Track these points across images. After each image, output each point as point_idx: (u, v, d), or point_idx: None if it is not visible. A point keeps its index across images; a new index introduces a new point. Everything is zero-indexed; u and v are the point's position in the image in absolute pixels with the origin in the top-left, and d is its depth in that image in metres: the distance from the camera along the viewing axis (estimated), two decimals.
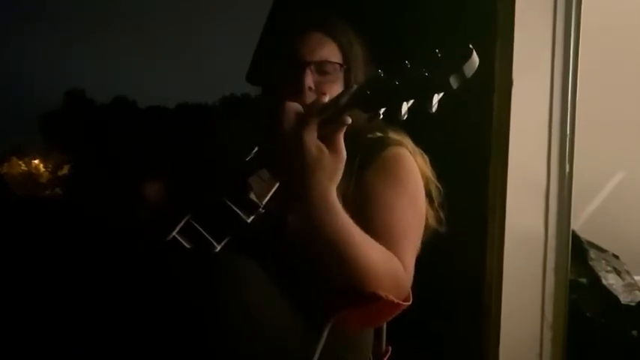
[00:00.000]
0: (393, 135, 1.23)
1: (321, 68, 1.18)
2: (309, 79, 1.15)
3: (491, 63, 1.98)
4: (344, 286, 0.98)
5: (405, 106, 0.89)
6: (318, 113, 0.94)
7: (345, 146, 0.97)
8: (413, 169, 1.19)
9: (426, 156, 1.24)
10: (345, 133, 0.97)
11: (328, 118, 0.94)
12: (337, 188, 0.98)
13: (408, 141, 1.24)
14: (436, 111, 0.91)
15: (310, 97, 1.12)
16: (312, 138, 0.93)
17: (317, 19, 1.23)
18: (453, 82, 0.87)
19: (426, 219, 1.19)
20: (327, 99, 0.97)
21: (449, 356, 2.16)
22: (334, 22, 1.23)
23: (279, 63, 1.19)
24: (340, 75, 1.19)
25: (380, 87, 0.92)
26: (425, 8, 2.52)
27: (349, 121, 0.93)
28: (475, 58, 0.88)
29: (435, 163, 1.25)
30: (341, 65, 1.19)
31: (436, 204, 1.22)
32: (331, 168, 0.95)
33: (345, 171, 1.00)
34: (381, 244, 1.02)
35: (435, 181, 1.24)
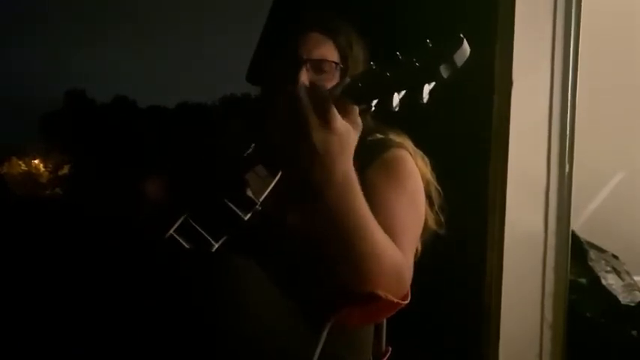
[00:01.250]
0: (394, 137, 1.23)
1: (318, 67, 1.18)
2: (305, 77, 1.16)
3: (491, 63, 1.99)
4: (350, 278, 0.98)
5: (396, 97, 0.89)
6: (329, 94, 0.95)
7: None
8: (413, 170, 1.19)
9: (426, 158, 1.25)
10: None
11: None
12: None
13: (408, 143, 1.24)
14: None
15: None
16: (337, 116, 0.93)
17: (317, 19, 1.23)
18: (444, 71, 0.87)
19: (426, 221, 1.19)
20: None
21: (449, 356, 2.16)
22: (334, 23, 1.24)
23: (277, 61, 1.19)
24: (337, 74, 1.20)
25: (371, 79, 0.92)
26: (425, 8, 2.52)
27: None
28: (466, 46, 0.88)
29: (435, 163, 1.25)
30: (338, 64, 1.20)
31: (436, 207, 1.23)
32: (352, 145, 0.95)
33: None
34: None
35: (435, 184, 1.24)
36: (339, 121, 0.93)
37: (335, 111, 0.93)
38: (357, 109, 0.95)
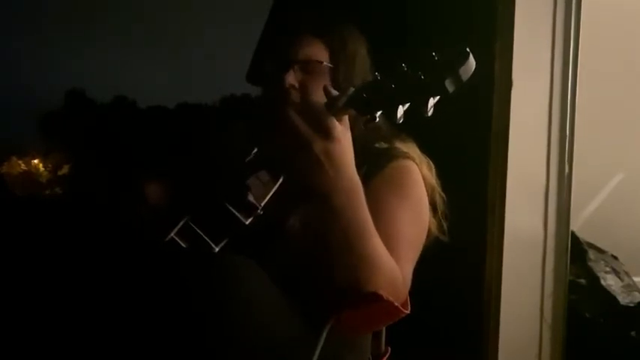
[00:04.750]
0: (400, 145, 1.22)
1: (306, 67, 1.19)
2: (292, 78, 1.16)
3: (491, 63, 1.99)
4: (347, 281, 0.98)
5: (400, 110, 0.89)
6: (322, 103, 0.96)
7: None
8: (418, 181, 1.19)
9: (432, 165, 1.24)
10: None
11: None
12: None
13: (414, 150, 1.23)
14: (436, 111, 0.91)
15: (293, 96, 1.13)
16: (335, 122, 0.94)
17: (307, 20, 1.24)
18: (449, 85, 0.86)
19: (429, 228, 1.19)
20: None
21: (449, 356, 2.16)
22: (325, 22, 1.24)
23: (269, 63, 1.20)
24: (326, 74, 1.19)
25: (376, 90, 0.92)
26: (425, 8, 2.53)
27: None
28: (472, 61, 0.87)
29: (434, 164, 1.25)
30: (322, 63, 1.19)
31: (439, 214, 1.22)
32: (350, 147, 0.96)
33: None
34: None
35: (440, 191, 1.23)
36: (338, 129, 0.94)
37: (334, 120, 0.93)
38: (346, 117, 0.96)
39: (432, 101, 0.88)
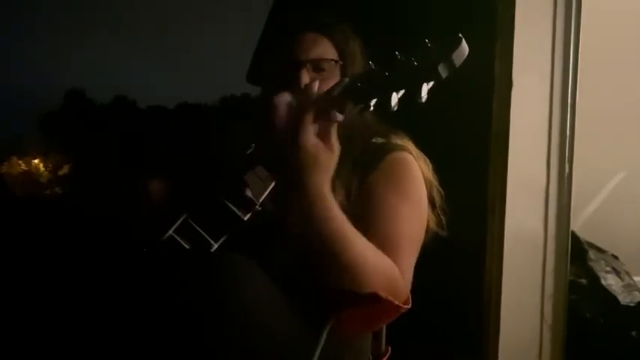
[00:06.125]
0: (397, 140, 1.22)
1: (317, 66, 1.19)
2: (306, 78, 1.16)
3: (491, 63, 1.99)
4: (338, 285, 0.98)
5: (395, 97, 0.89)
6: (312, 107, 0.95)
7: (348, 151, 0.97)
8: (416, 174, 1.18)
9: (428, 161, 1.24)
10: (347, 138, 0.97)
11: (321, 111, 0.94)
12: (340, 193, 0.98)
13: (411, 145, 1.23)
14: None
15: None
16: (308, 134, 0.93)
17: (311, 18, 1.24)
18: (442, 70, 0.86)
19: (428, 222, 1.19)
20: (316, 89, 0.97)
21: (449, 356, 2.16)
22: (328, 20, 1.24)
23: (276, 64, 1.20)
24: (337, 71, 1.20)
25: (370, 78, 0.92)
26: (425, 8, 2.52)
27: (340, 118, 0.93)
28: (464, 46, 0.87)
29: (434, 164, 1.25)
30: (336, 62, 1.20)
31: (438, 208, 1.22)
32: (327, 164, 0.95)
33: (349, 176, 0.99)
34: (380, 249, 1.02)
35: (438, 186, 1.23)
36: (308, 137, 0.93)
37: (306, 129, 0.93)
38: (334, 131, 0.95)
39: (425, 87, 0.88)
